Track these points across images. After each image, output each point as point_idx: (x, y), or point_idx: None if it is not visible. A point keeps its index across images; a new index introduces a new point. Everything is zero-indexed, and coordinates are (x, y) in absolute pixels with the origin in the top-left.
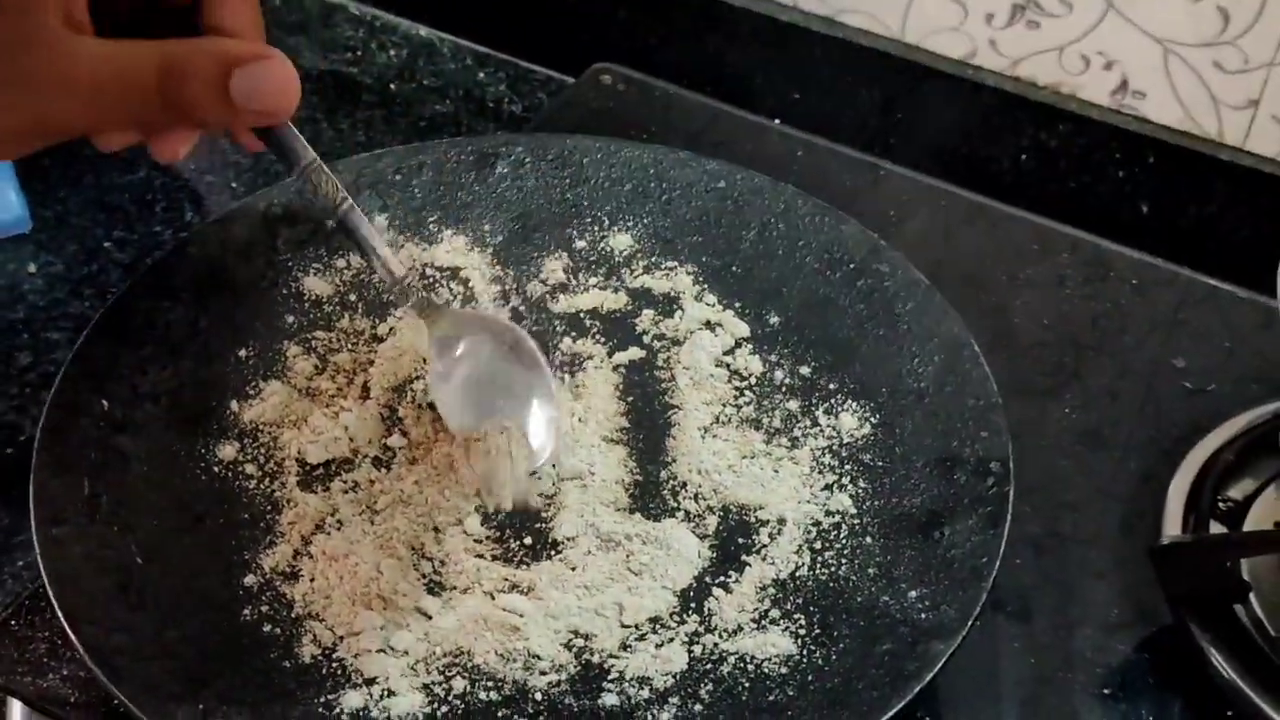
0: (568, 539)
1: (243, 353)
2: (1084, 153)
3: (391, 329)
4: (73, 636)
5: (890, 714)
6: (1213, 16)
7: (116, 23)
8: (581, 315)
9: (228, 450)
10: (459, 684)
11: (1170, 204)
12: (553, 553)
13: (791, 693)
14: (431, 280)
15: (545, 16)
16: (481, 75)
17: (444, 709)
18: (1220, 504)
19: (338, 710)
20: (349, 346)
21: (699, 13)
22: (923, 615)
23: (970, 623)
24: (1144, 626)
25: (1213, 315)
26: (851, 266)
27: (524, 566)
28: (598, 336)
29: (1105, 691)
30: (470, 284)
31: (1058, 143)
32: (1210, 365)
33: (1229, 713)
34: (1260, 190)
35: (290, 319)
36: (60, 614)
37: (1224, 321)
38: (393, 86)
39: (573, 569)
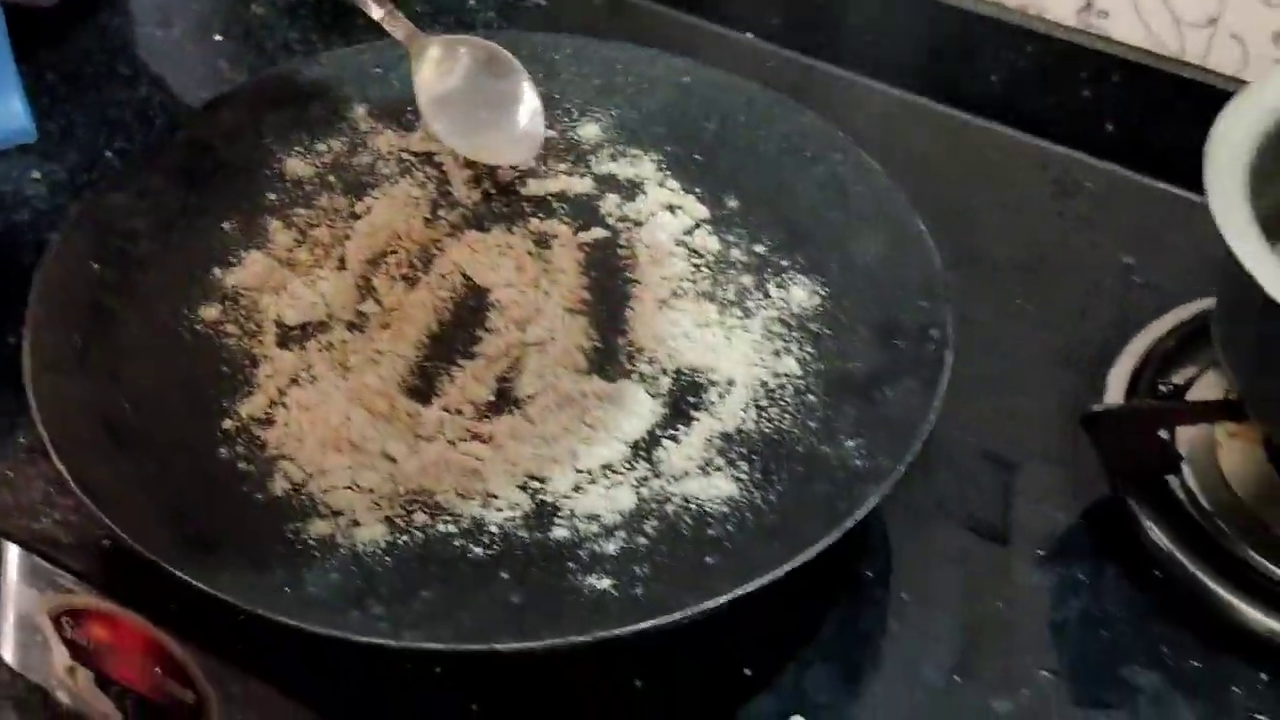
0: (528, 396)
1: (227, 225)
2: (1051, 71)
3: (368, 207)
4: (62, 467)
5: (820, 546)
6: None
7: None
8: (549, 198)
9: (210, 311)
10: (420, 517)
11: (1136, 122)
12: (513, 408)
13: (730, 528)
14: (408, 164)
15: None
16: (472, 2)
17: (404, 538)
18: (1160, 387)
19: (305, 536)
20: (327, 222)
21: None
22: (858, 462)
23: (901, 468)
24: (1083, 497)
25: (1168, 219)
26: (807, 154)
27: (485, 420)
28: (564, 217)
29: (1040, 553)
30: (444, 168)
31: (1025, 62)
32: (1158, 263)
33: (1156, 573)
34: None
35: (272, 196)
36: (51, 448)
37: (1176, 224)
38: None
39: (531, 422)
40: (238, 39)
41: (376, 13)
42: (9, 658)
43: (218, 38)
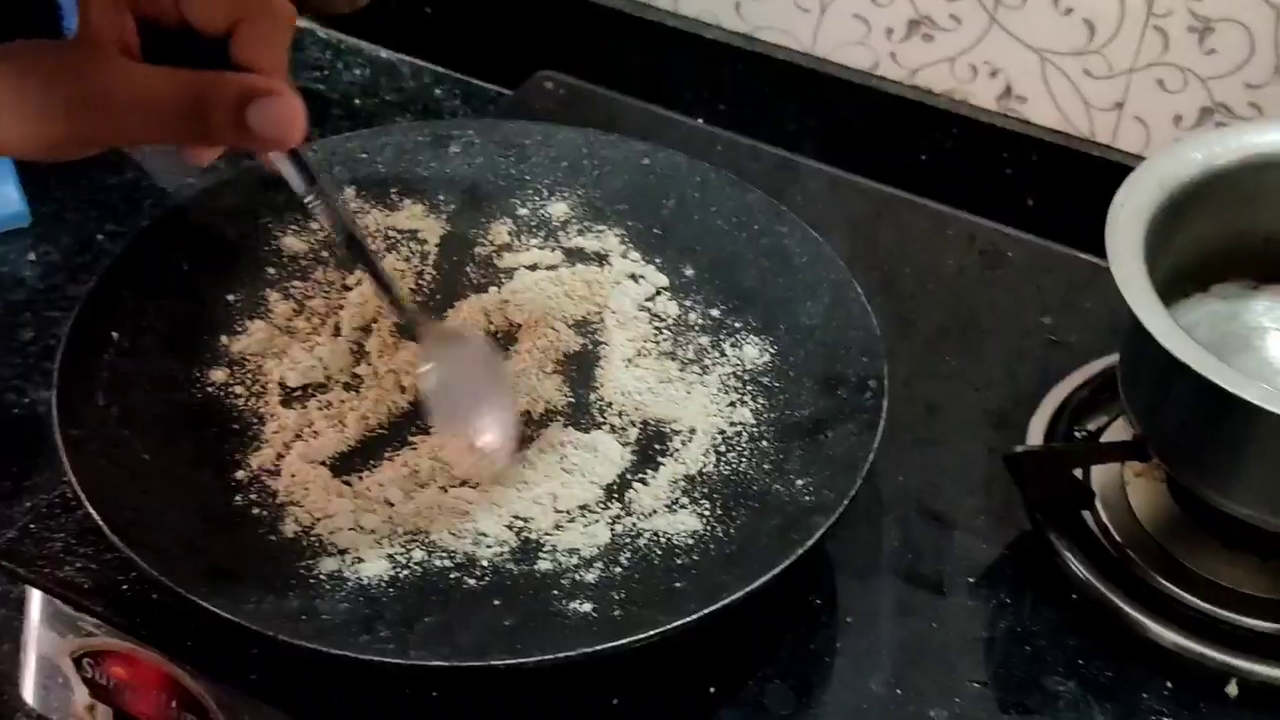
0: None
1: (231, 297)
2: (976, 152)
3: (359, 279)
4: (91, 510)
5: (776, 570)
6: (1080, 28)
7: (159, 45)
8: (523, 270)
9: (219, 375)
10: (418, 554)
11: (1053, 196)
12: None
13: (696, 557)
14: (394, 240)
15: (494, 38)
16: (438, 91)
17: (405, 572)
18: (1075, 433)
19: (316, 571)
20: (322, 294)
21: (632, 31)
22: (807, 498)
23: (845, 502)
24: (1007, 531)
25: (1082, 284)
26: (756, 227)
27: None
28: None
29: (970, 580)
30: (426, 244)
31: (952, 144)
32: (1074, 323)
33: (1073, 596)
34: None
35: (271, 270)
36: (80, 493)
37: (1090, 288)
38: (357, 102)
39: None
40: None
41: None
42: (30, 699)
43: None
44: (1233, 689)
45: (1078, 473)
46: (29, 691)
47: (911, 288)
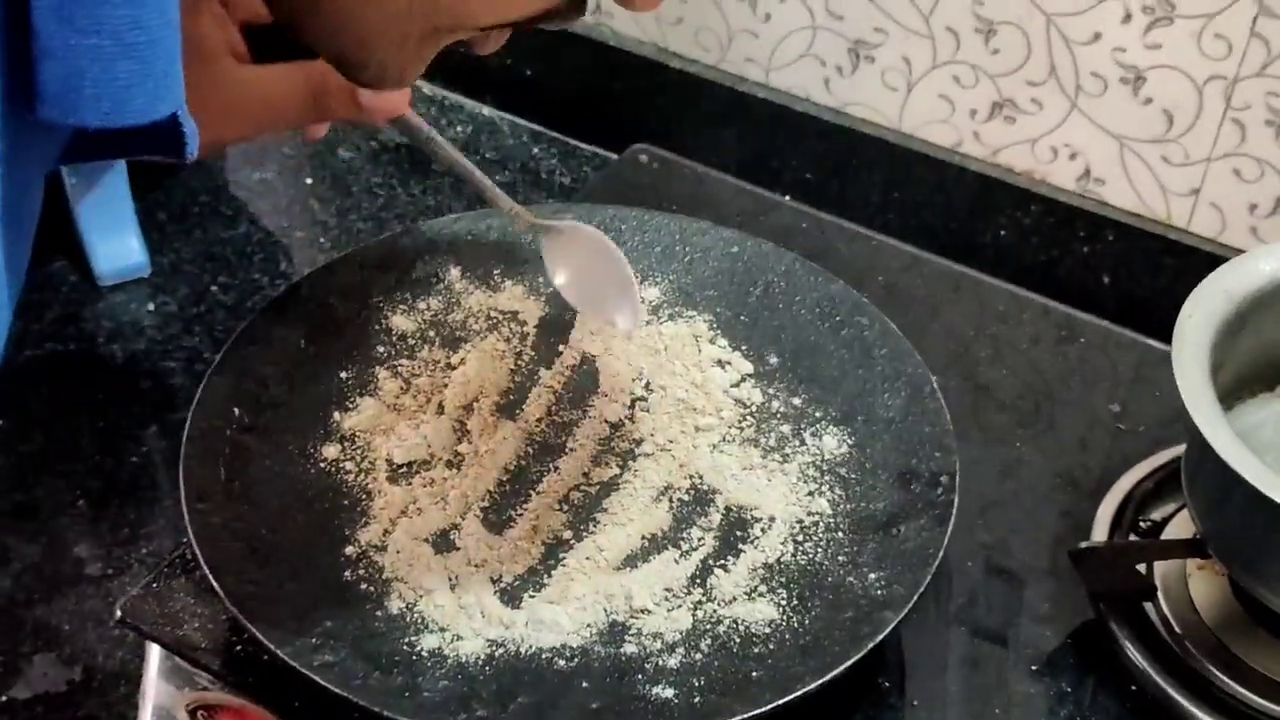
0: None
1: (343, 374)
2: (1053, 231)
3: (462, 359)
4: (214, 583)
5: (848, 664)
6: (1159, 117)
7: (263, 43)
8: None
9: (331, 450)
10: (514, 634)
11: (1127, 276)
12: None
13: (772, 646)
14: (496, 320)
15: (593, 101)
16: (536, 150)
17: (500, 650)
18: (1140, 523)
19: (418, 648)
20: (428, 372)
21: (725, 102)
22: (879, 592)
23: (915, 598)
24: (1070, 620)
25: (1151, 370)
26: (838, 318)
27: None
28: None
29: (1034, 668)
30: (525, 324)
31: (1030, 221)
32: (1142, 411)
33: (1132, 687)
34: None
35: (381, 349)
36: (205, 566)
37: (1159, 375)
38: None
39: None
40: (326, 181)
41: (505, 205)
42: None
43: (308, 180)
44: None
45: (1141, 567)
46: None
47: (986, 366)
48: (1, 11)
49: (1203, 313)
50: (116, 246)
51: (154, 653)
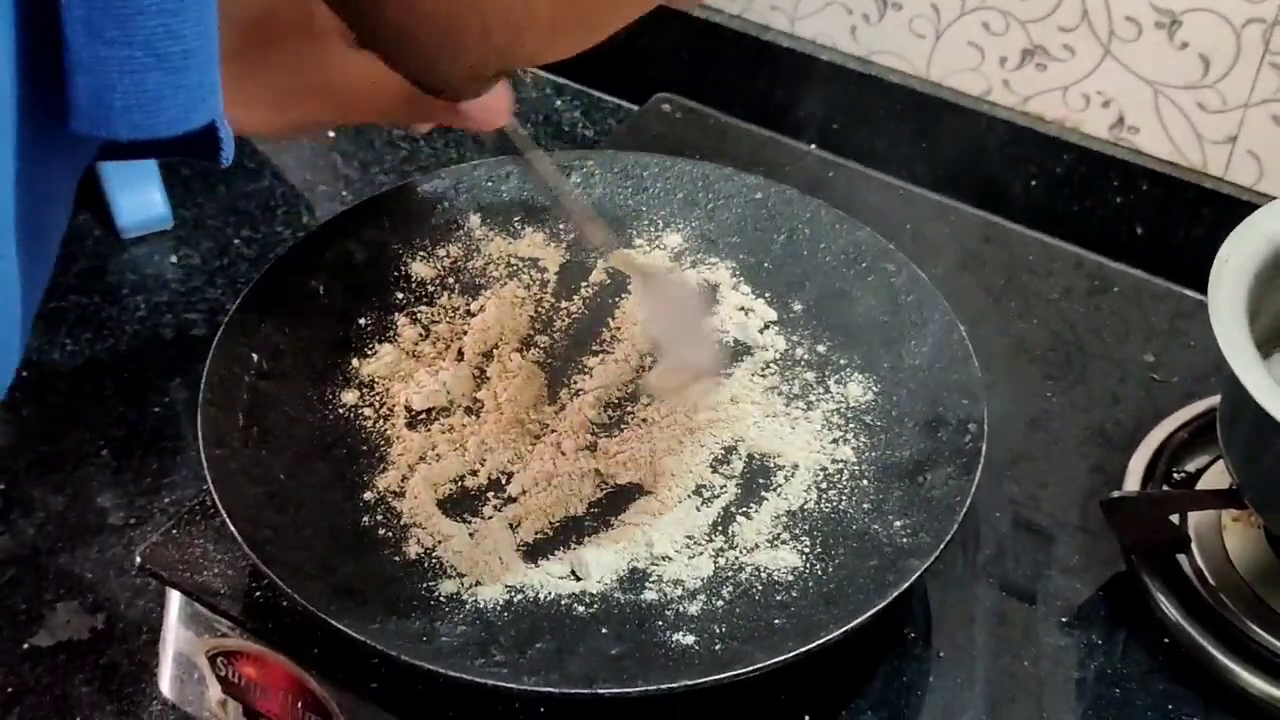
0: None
1: (362, 320)
2: (1085, 180)
3: (482, 306)
4: (232, 528)
5: (872, 612)
6: (1195, 63)
7: None
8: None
9: (350, 396)
10: (533, 578)
11: (1162, 227)
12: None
13: (795, 594)
14: (516, 267)
15: (614, 52)
16: (559, 103)
17: (519, 597)
18: (1174, 474)
19: (437, 593)
20: (447, 319)
21: (749, 51)
22: (904, 540)
23: (942, 546)
24: (1102, 572)
25: (1187, 321)
26: (863, 265)
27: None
28: None
29: (1063, 620)
30: (546, 271)
31: (1063, 171)
32: (1176, 361)
33: (1165, 640)
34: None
35: (400, 295)
36: (223, 511)
37: (1194, 326)
38: None
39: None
40: (349, 135)
41: (598, 239)
42: (168, 692)
43: (330, 134)
44: None
45: (1174, 518)
46: (166, 684)
47: (1017, 317)
48: (33, 24)
49: (1240, 256)
50: (139, 199)
51: (174, 600)
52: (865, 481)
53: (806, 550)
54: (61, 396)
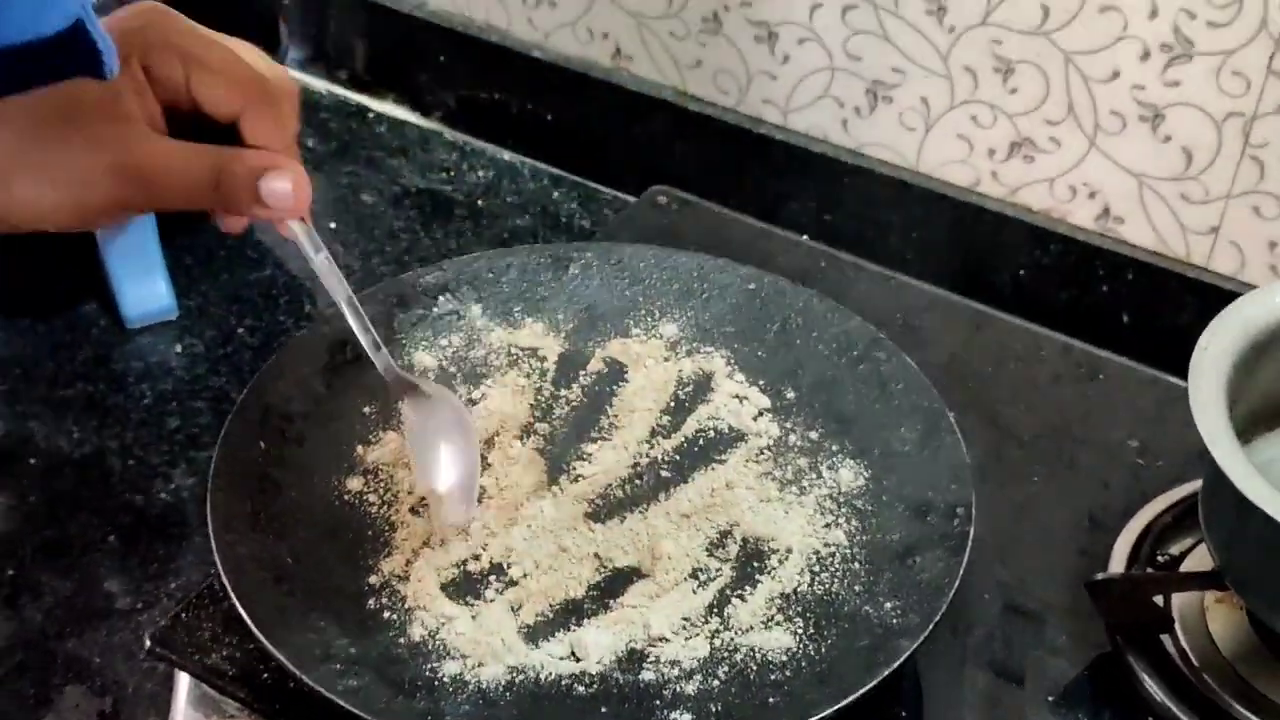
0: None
1: (367, 409)
2: (1073, 269)
3: (484, 394)
4: (241, 610)
5: (863, 690)
6: (1178, 155)
7: (178, 129)
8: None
9: (355, 483)
10: (534, 660)
11: (1147, 315)
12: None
13: (788, 674)
14: (516, 357)
15: (612, 145)
16: (556, 194)
17: (521, 677)
18: (1159, 556)
19: (440, 674)
20: None
21: (743, 144)
22: (894, 620)
23: (930, 626)
24: (1088, 652)
25: (1173, 407)
26: (855, 353)
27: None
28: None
29: (1050, 699)
30: (545, 360)
31: (1050, 260)
32: (1161, 446)
33: (1149, 719)
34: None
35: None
36: (232, 594)
37: (1178, 411)
38: (480, 202)
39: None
40: (349, 225)
41: (380, 363)
42: None
43: (332, 224)
44: None
45: (1158, 599)
46: None
47: (1005, 404)
48: None
49: (1220, 344)
50: (144, 290)
51: (183, 682)
52: (857, 564)
53: (800, 631)
54: (68, 483)
